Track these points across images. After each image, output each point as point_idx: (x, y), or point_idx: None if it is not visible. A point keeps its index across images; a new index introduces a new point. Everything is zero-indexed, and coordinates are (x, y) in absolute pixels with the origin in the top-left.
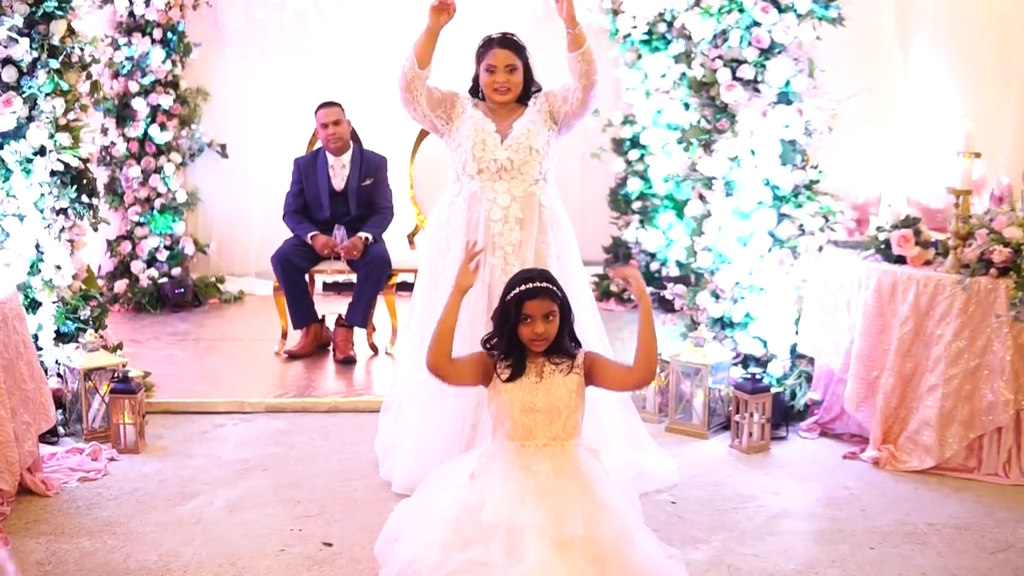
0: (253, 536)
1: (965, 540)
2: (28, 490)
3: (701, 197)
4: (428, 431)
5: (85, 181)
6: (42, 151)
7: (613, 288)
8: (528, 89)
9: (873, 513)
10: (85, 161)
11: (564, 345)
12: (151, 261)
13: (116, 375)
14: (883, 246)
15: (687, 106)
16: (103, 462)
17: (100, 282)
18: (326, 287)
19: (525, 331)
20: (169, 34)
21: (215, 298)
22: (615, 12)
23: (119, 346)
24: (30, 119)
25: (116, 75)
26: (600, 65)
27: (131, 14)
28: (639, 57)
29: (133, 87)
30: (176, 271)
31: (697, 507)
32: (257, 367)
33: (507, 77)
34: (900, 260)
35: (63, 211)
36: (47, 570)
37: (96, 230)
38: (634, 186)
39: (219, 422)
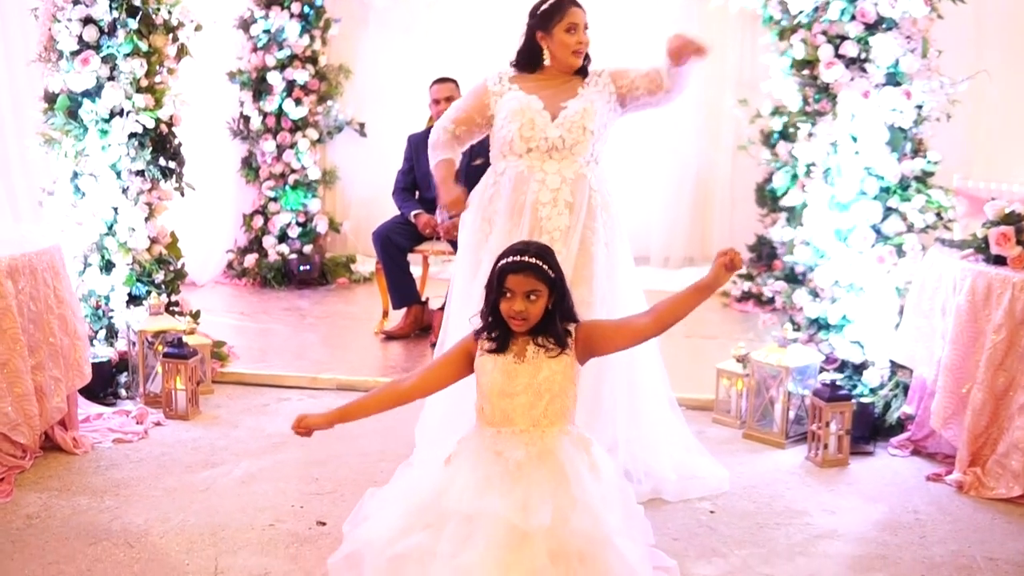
0: (250, 509)
1: None
2: (59, 446)
3: (804, 187)
4: (450, 419)
5: (166, 145)
6: (121, 112)
7: (754, 290)
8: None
9: (931, 542)
10: (169, 124)
11: (554, 329)
12: (282, 237)
13: (171, 340)
14: (982, 244)
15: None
16: (146, 426)
17: (230, 256)
18: None
19: (505, 307)
20: (306, 8)
21: (344, 278)
22: None
23: (196, 314)
24: (111, 79)
25: (255, 48)
26: (748, 52)
27: None
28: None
29: (270, 61)
30: (308, 248)
31: (736, 519)
32: (351, 346)
33: (587, 38)
34: (1000, 261)
35: (140, 173)
36: (32, 523)
37: (183, 195)
38: (780, 181)
39: (285, 396)
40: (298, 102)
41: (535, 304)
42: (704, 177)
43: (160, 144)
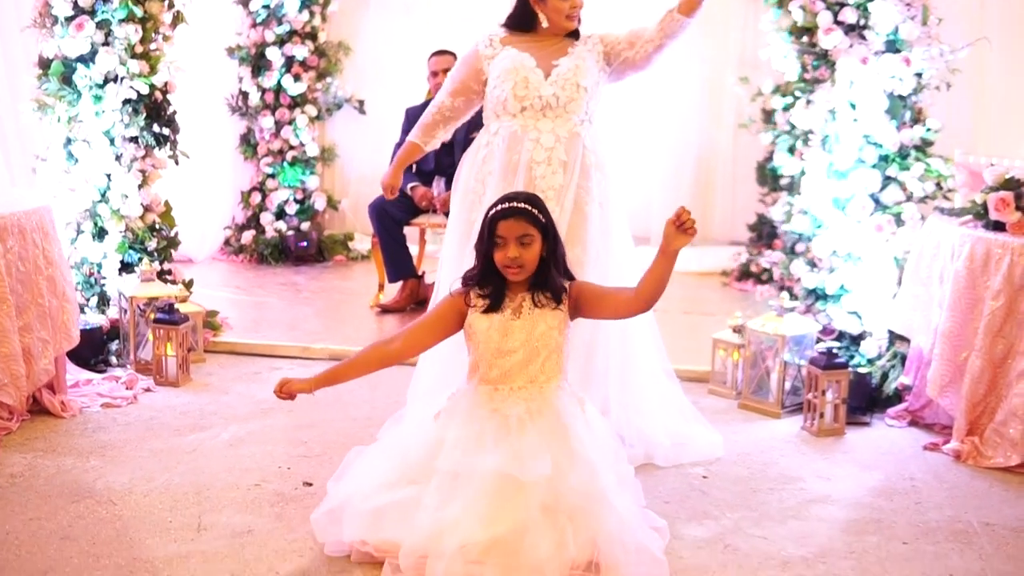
0: (236, 470)
1: (1020, 545)
2: (46, 410)
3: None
4: (443, 379)
5: (161, 112)
6: (115, 78)
7: (753, 269)
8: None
9: (927, 507)
10: (163, 92)
11: (551, 281)
12: (280, 214)
13: (162, 306)
14: (981, 210)
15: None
16: (136, 391)
17: (228, 233)
18: None
19: (499, 256)
20: None
21: (342, 255)
22: None
23: (189, 283)
24: (106, 45)
25: (254, 24)
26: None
27: None
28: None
29: (269, 36)
30: (305, 225)
31: (728, 484)
32: (346, 318)
33: (581, 1)
34: (999, 227)
35: (134, 140)
36: (15, 482)
37: (177, 163)
38: (782, 160)
39: (277, 366)
40: (297, 78)
41: (529, 249)
42: (705, 156)
43: (154, 111)
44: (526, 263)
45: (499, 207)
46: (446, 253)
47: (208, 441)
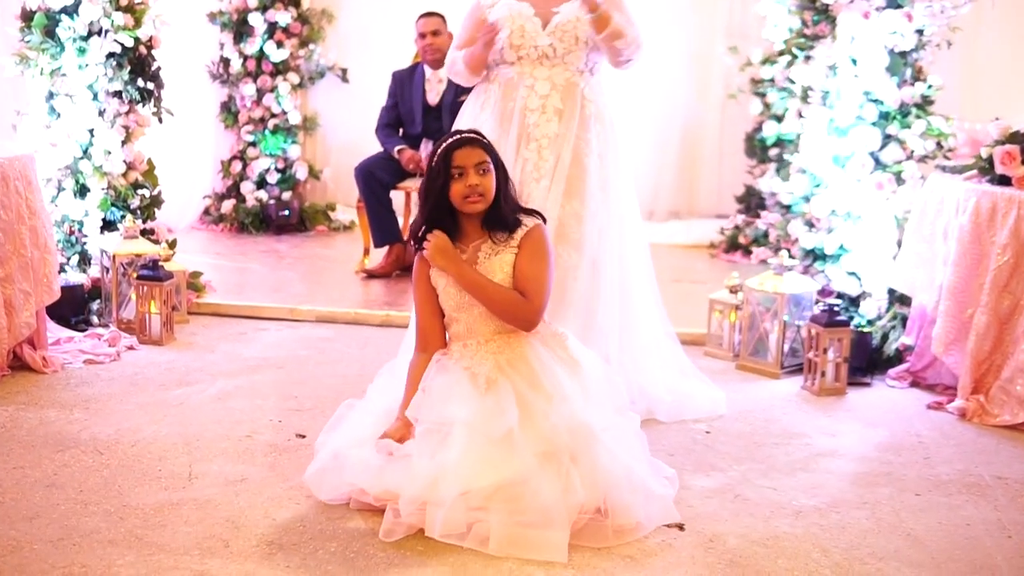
0: (227, 421)
1: None
2: (27, 366)
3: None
4: None
5: (145, 67)
6: (99, 31)
7: (741, 240)
8: None
9: (936, 462)
10: (148, 46)
11: (503, 214)
12: (261, 183)
13: (146, 263)
14: (987, 165)
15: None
16: (119, 349)
17: (208, 202)
18: None
19: (458, 188)
20: None
21: (323, 225)
22: None
23: (173, 243)
24: None
25: None
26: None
27: None
28: None
29: (251, 2)
30: (286, 195)
31: (732, 439)
32: (331, 283)
33: None
34: (1005, 181)
35: (117, 94)
36: None
37: (160, 121)
38: (771, 131)
39: (263, 327)
40: (280, 45)
41: (487, 177)
42: (691, 129)
43: (139, 65)
44: (487, 191)
45: (450, 139)
46: None
47: (195, 395)
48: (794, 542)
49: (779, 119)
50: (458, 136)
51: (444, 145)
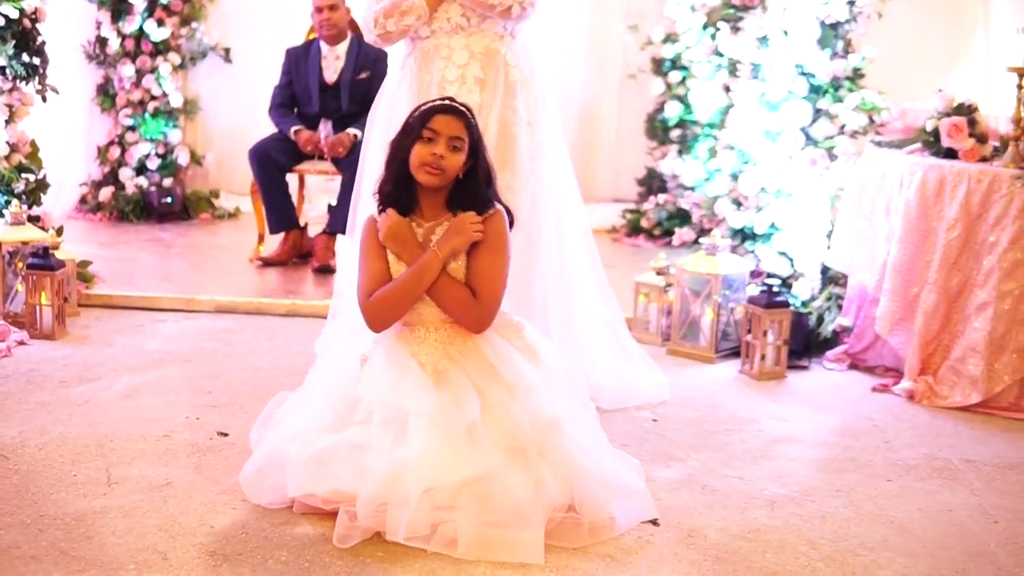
0: (139, 420)
1: (1009, 480)
2: None
3: (726, 89)
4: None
5: (30, 41)
6: None
7: (644, 224)
8: None
9: (898, 446)
10: (33, 19)
11: (470, 198)
12: (141, 169)
13: (36, 251)
14: (931, 138)
15: None
16: (8, 344)
17: (84, 189)
18: None
19: (421, 152)
20: None
21: (207, 213)
22: None
23: (60, 230)
24: None
25: None
26: None
27: None
28: None
29: None
30: (168, 181)
31: (682, 427)
32: (225, 271)
33: None
34: (951, 155)
35: (1, 70)
36: None
37: (44, 100)
38: (673, 111)
39: (160, 318)
40: (160, 23)
41: (455, 157)
42: (589, 110)
43: (23, 40)
44: (447, 168)
45: (437, 101)
46: (365, 187)
47: (101, 392)
48: (777, 534)
49: (682, 100)
50: (447, 102)
51: (429, 105)
